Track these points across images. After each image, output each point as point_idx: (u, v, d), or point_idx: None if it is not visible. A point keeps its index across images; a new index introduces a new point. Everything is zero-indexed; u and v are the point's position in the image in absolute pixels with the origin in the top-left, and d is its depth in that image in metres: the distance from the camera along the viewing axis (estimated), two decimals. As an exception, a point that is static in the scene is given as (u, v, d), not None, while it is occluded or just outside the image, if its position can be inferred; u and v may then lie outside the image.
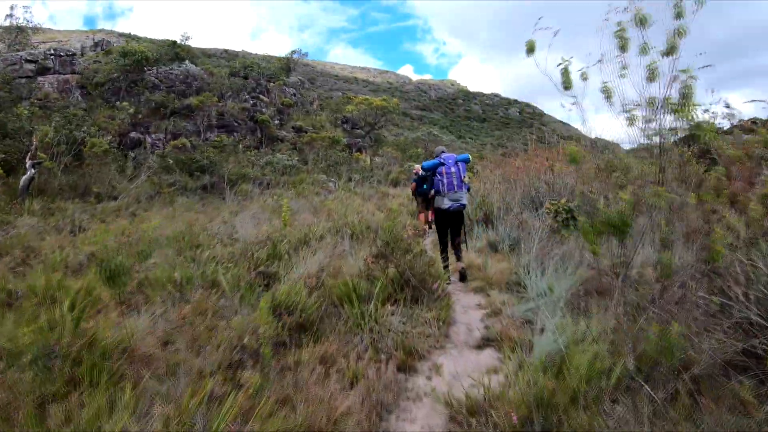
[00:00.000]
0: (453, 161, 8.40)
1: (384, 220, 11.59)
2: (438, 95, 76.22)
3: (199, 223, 14.11)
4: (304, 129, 32.17)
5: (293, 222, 12.31)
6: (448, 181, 8.32)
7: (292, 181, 25.13)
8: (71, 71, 31.83)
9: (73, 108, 26.80)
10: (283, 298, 5.84)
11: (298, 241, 10.13)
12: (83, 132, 23.54)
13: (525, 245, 9.27)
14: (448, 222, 8.80)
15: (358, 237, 10.83)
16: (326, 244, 9.94)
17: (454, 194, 8.36)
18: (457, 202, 8.40)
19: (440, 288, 6.80)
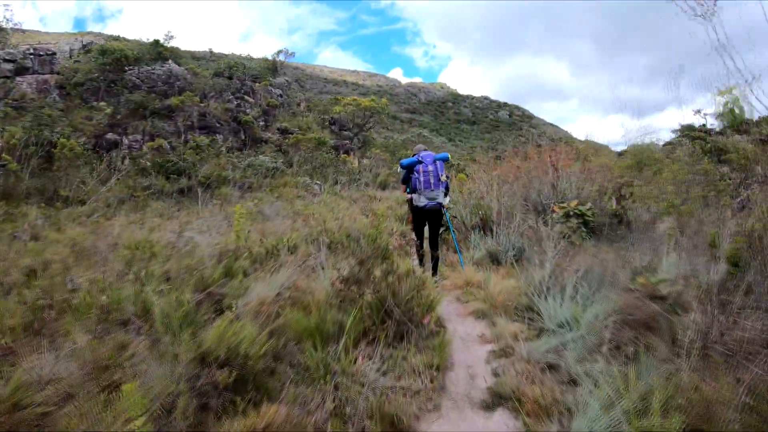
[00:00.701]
0: (431, 160, 8.29)
1: (367, 226, 9.85)
2: (428, 98, 74.62)
3: (167, 229, 12.39)
4: (289, 130, 30.47)
5: (264, 230, 10.63)
6: (425, 179, 8.21)
7: (276, 184, 23.46)
8: (50, 71, 30.05)
9: (49, 108, 25.05)
10: (214, 342, 4.12)
11: (265, 253, 8.44)
12: (56, 133, 22.15)
13: (533, 257, 7.67)
14: (424, 220, 8.63)
15: (337, 247, 9.14)
16: (298, 257, 8.27)
17: (431, 192, 8.24)
18: (434, 201, 8.26)
19: (432, 321, 5.06)
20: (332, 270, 6.51)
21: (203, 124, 27.72)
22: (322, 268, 7.32)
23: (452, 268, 8.86)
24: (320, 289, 5.97)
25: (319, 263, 7.69)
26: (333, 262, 7.72)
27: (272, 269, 7.12)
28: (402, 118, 62.15)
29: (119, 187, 20.70)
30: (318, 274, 6.93)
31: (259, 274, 7.07)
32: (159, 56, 32.49)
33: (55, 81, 29.34)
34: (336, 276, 5.48)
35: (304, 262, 7.66)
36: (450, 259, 9.37)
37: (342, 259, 7.57)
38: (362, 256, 5.56)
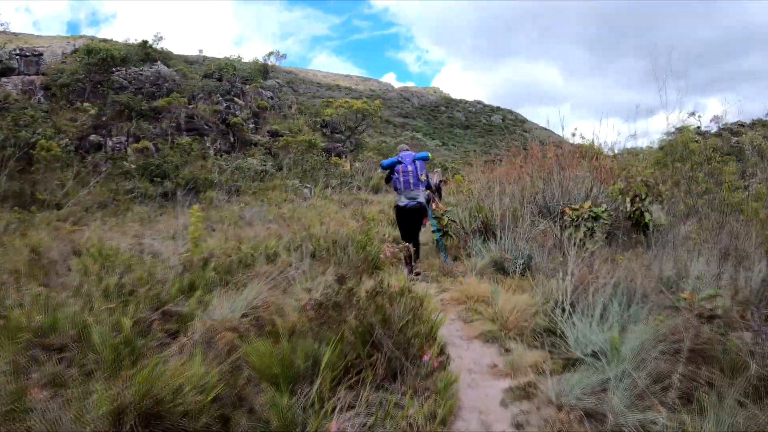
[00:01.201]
0: (410, 159, 8.26)
1: (357, 232, 8.70)
2: (421, 103, 73.58)
3: (144, 236, 11.23)
4: (280, 133, 29.25)
5: (243, 236, 9.49)
6: (405, 179, 8.21)
7: (264, 187, 22.30)
8: (37, 72, 28.83)
9: (32, 109, 23.82)
10: (141, 390, 2.98)
11: (238, 263, 7.30)
12: (37, 134, 20.94)
13: (546, 266, 6.58)
14: (405, 219, 8.55)
15: (322, 255, 8.00)
16: (277, 267, 7.14)
17: (410, 192, 8.24)
18: (414, 200, 8.26)
19: (434, 355, 3.90)
20: (302, 289, 5.35)
21: (191, 126, 26.54)
22: (301, 281, 6.17)
23: (452, 278, 7.73)
24: (294, 309, 4.83)
25: (300, 274, 6.58)
26: (313, 274, 6.62)
27: (244, 282, 6.02)
28: (395, 122, 61.11)
29: (101, 191, 19.53)
30: (296, 288, 5.76)
31: (227, 288, 5.95)
32: (147, 57, 31.33)
33: (41, 82, 28.14)
34: (306, 298, 4.29)
35: (282, 273, 6.51)
36: (450, 268, 8.22)
37: (322, 272, 6.48)
38: (342, 272, 4.37)
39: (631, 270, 5.66)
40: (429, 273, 8.40)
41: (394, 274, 6.91)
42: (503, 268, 7.43)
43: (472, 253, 8.62)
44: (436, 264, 8.77)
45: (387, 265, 7.86)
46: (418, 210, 8.39)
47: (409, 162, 8.24)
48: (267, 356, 3.54)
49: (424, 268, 8.73)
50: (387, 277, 5.64)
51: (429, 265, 8.92)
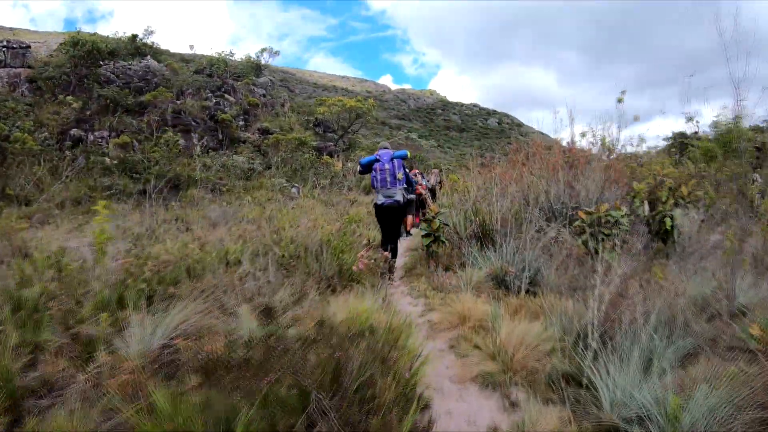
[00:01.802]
0: (388, 158, 8.09)
1: (334, 236, 7.36)
2: (417, 105, 72.27)
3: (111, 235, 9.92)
4: (270, 131, 27.87)
5: (206, 239, 8.18)
6: (381, 177, 8.04)
7: (250, 186, 21.01)
8: (23, 64, 27.44)
9: (13, 101, 22.55)
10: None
11: (187, 272, 6.01)
12: (16, 127, 19.97)
13: (560, 283, 5.33)
14: (383, 217, 8.32)
15: (290, 263, 6.69)
16: (233, 277, 5.88)
17: (387, 190, 8.05)
18: (390, 198, 8.06)
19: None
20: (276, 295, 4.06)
21: (178, 122, 25.18)
22: (255, 297, 4.88)
23: (442, 292, 6.42)
24: (238, 330, 3.57)
25: (261, 286, 5.32)
26: (275, 287, 5.34)
27: (184, 297, 4.73)
28: (391, 124, 59.81)
29: (77, 187, 18.29)
30: (242, 312, 4.45)
31: (162, 304, 4.64)
32: (137, 52, 29.93)
33: (26, 75, 26.79)
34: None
35: (234, 286, 5.22)
36: (441, 280, 6.88)
37: (289, 284, 5.21)
38: (271, 304, 3.05)
39: (666, 290, 4.39)
40: (416, 285, 7.11)
41: (374, 288, 5.64)
42: (505, 282, 6.13)
43: (468, 262, 7.32)
44: (424, 275, 7.49)
45: (367, 276, 6.59)
46: (395, 208, 8.13)
47: (387, 160, 8.04)
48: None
49: (411, 281, 7.48)
50: (362, 293, 4.39)
51: (417, 276, 7.64)
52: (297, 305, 4.87)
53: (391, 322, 3.40)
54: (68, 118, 22.68)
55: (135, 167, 19.32)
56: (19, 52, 27.69)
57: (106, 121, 23.04)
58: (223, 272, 6.54)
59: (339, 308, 4.71)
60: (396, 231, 8.51)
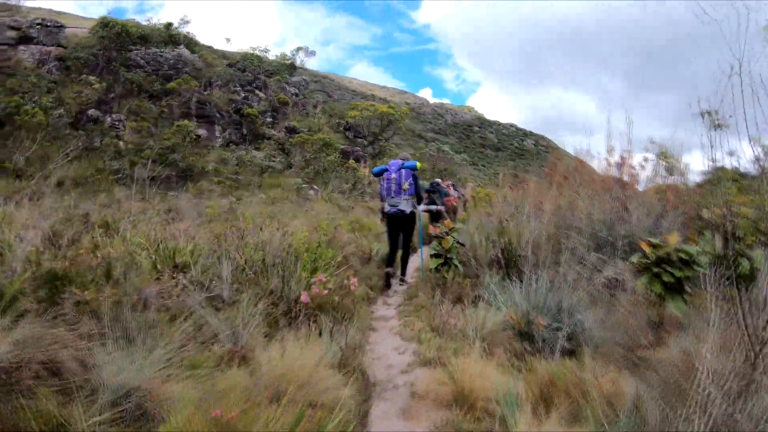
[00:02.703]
0: (396, 168, 7.82)
1: (308, 245, 5.57)
2: (454, 120, 70.31)
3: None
4: (297, 130, 26.34)
5: (161, 235, 6.50)
6: (387, 186, 7.78)
7: (267, 183, 19.50)
8: (55, 44, 26.44)
9: (35, 77, 21.68)
10: None
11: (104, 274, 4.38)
12: (32, 102, 18.93)
13: (606, 339, 3.58)
14: (391, 226, 7.95)
15: (248, 276, 5.01)
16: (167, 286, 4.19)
17: (392, 200, 7.75)
18: (395, 207, 7.73)
19: None
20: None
21: (202, 113, 23.92)
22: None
23: (442, 337, 4.64)
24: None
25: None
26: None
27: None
28: (427, 137, 58.01)
29: (84, 167, 17.22)
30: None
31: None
32: (171, 40, 28.71)
33: (57, 54, 25.80)
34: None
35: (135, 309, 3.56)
36: (444, 319, 5.07)
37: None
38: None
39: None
40: (411, 321, 5.32)
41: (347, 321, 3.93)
42: (530, 335, 4.31)
43: (484, 295, 5.51)
44: (425, 307, 5.71)
45: (358, 302, 4.90)
46: (400, 218, 7.80)
47: (395, 170, 7.80)
48: None
49: (408, 313, 5.72)
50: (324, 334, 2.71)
51: (415, 308, 5.85)
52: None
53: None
54: (89, 99, 21.59)
55: (148, 154, 17.92)
56: (52, 30, 26.75)
57: (126, 104, 21.83)
58: (168, 277, 4.92)
59: (271, 364, 2.99)
60: (405, 240, 8.13)
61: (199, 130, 22.72)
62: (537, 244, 6.18)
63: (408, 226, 8.02)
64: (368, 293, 6.44)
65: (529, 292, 4.87)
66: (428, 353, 4.15)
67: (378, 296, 6.95)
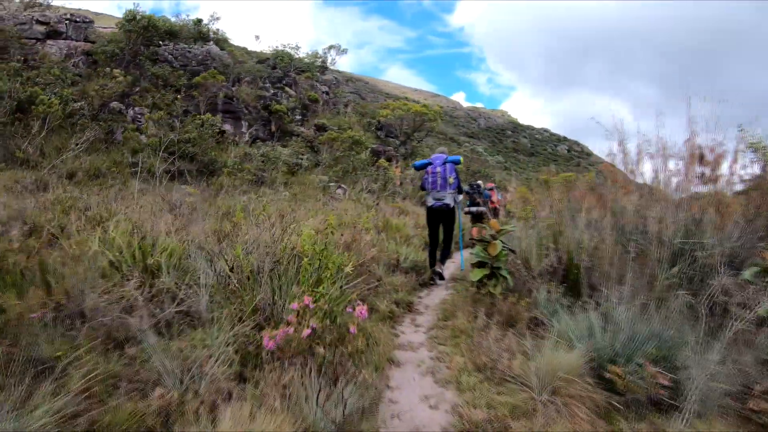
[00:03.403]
0: (440, 161, 7.75)
1: (313, 249, 4.17)
2: (487, 124, 68.69)
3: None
4: (327, 128, 25.14)
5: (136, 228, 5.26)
6: (432, 180, 7.70)
7: (294, 181, 18.35)
8: (84, 39, 25.73)
9: (58, 69, 21.04)
10: None
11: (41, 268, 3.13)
12: (53, 93, 17.97)
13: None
14: (433, 219, 7.85)
15: (233, 288, 3.70)
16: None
17: (437, 193, 7.66)
18: (440, 201, 7.63)
19: None
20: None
21: (228, 108, 22.86)
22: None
23: (490, 382, 3.27)
24: None
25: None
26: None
27: None
28: (459, 140, 56.49)
29: (101, 159, 16.45)
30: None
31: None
32: (200, 36, 27.73)
33: (85, 48, 25.10)
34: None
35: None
36: (492, 353, 3.63)
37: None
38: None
39: None
40: (447, 353, 3.96)
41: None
42: (613, 385, 2.94)
43: (545, 317, 4.14)
44: (465, 332, 4.34)
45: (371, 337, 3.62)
46: (444, 211, 7.68)
47: (439, 164, 7.73)
48: None
49: (443, 340, 4.34)
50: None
51: (453, 333, 4.46)
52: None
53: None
54: (113, 92, 20.75)
55: (169, 147, 16.95)
56: (81, 26, 26.04)
57: (150, 97, 20.95)
58: (137, 283, 3.72)
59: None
60: (447, 234, 7.88)
61: (225, 126, 21.74)
62: (597, 255, 4.81)
63: (450, 220, 7.85)
64: (393, 310, 5.07)
65: (612, 321, 3.48)
66: (474, 415, 2.78)
67: (405, 314, 5.53)
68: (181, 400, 2.60)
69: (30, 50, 22.99)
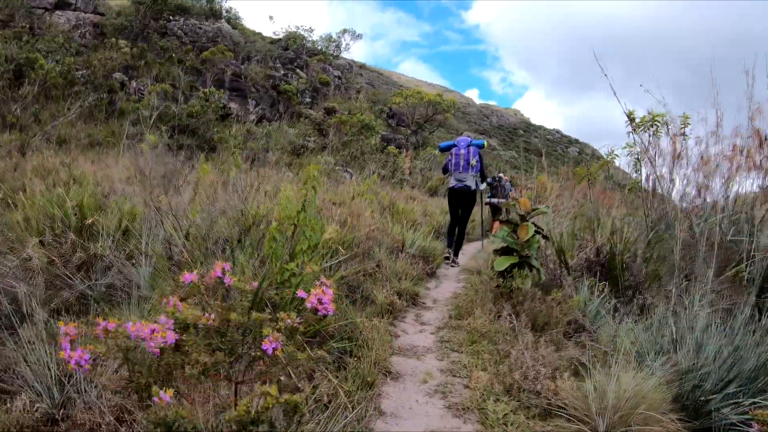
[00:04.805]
0: (465, 144, 7.74)
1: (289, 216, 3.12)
2: (499, 122, 67.39)
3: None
4: (337, 111, 24.19)
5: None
6: (456, 161, 7.64)
7: (299, 162, 17.50)
8: (93, 10, 24.94)
9: (63, 38, 20.35)
10: None
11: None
12: (56, 61, 17.46)
13: None
14: (454, 201, 7.81)
15: (168, 255, 2.69)
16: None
17: (459, 174, 7.60)
18: (461, 182, 7.58)
19: None
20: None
21: (236, 86, 21.99)
22: None
23: (525, 412, 2.22)
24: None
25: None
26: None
27: None
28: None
29: (98, 130, 16.05)
30: None
31: None
32: (212, 13, 26.82)
33: (94, 20, 24.33)
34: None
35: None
36: (526, 366, 2.60)
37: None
38: None
39: None
40: (464, 364, 2.94)
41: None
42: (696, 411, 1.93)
43: (586, 322, 3.14)
44: (487, 336, 3.32)
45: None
46: (465, 192, 7.52)
47: (464, 146, 7.63)
48: None
49: (457, 346, 3.30)
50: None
51: (471, 336, 3.42)
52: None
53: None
54: (117, 63, 19.99)
55: (167, 120, 16.24)
56: (90, -3, 25.35)
57: (154, 69, 20.13)
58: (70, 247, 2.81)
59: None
60: (463, 217, 7.82)
61: (231, 104, 20.86)
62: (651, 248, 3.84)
63: (469, 203, 7.73)
64: (393, 302, 4.02)
65: (693, 344, 2.48)
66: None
67: (408, 308, 4.46)
68: (51, 418, 1.64)
69: (38, 20, 22.35)
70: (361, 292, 3.88)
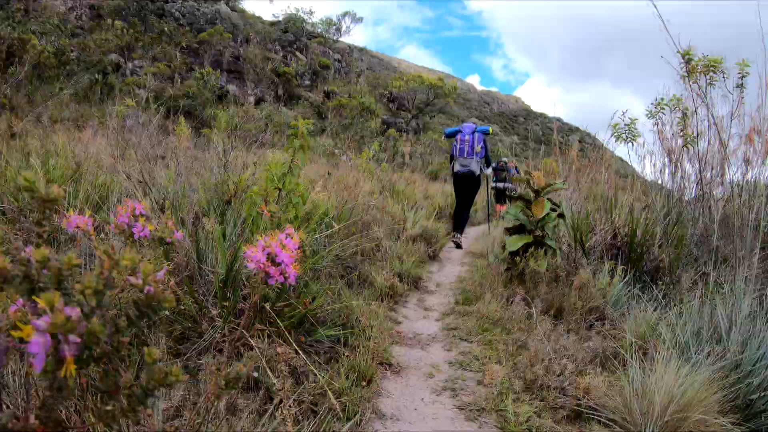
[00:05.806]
0: (470, 130, 7.85)
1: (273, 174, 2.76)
2: (500, 109, 67.00)
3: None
4: (336, 94, 23.80)
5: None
6: (461, 147, 7.77)
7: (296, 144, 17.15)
8: (90, -9, 24.56)
9: (57, 18, 20.04)
10: None
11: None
12: (51, 42, 17.36)
13: None
14: (458, 185, 8.00)
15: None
16: None
17: (464, 159, 7.76)
18: (465, 167, 7.76)
19: None
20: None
21: (234, 68, 21.68)
22: None
23: (556, 416, 1.85)
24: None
25: None
26: None
27: None
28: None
29: (92, 111, 15.30)
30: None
31: None
32: (211, -6, 26.45)
33: (90, 2, 23.94)
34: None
35: None
36: (548, 359, 2.23)
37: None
38: None
39: None
40: (476, 355, 2.58)
41: None
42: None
43: (608, 309, 2.78)
44: (499, 323, 2.96)
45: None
46: (468, 177, 7.72)
47: (468, 132, 7.74)
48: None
49: (465, 334, 2.93)
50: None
51: (481, 324, 3.05)
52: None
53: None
54: (113, 45, 19.60)
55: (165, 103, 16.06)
56: (90, -21, 24.91)
57: (150, 51, 19.78)
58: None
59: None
60: (468, 201, 8.02)
61: (230, 86, 20.50)
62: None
63: (473, 188, 7.91)
64: (394, 285, 3.66)
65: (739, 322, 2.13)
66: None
67: (410, 292, 4.06)
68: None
69: (34, 2, 22.00)
70: (358, 273, 3.53)
